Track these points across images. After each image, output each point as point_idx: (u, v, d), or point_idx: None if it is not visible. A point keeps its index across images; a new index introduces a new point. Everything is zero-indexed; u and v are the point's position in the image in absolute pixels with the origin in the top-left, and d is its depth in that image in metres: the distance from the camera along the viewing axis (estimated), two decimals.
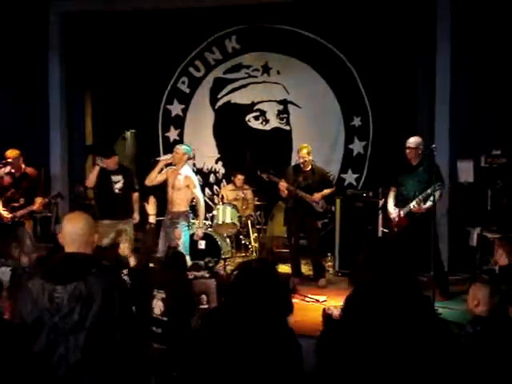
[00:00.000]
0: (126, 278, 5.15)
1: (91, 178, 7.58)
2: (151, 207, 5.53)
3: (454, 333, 3.18)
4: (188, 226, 7.35)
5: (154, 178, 7.33)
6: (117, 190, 7.56)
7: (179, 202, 7.29)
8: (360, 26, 9.10)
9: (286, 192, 7.62)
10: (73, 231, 2.87)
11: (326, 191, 7.76)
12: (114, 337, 2.70)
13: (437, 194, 6.55)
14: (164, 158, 7.46)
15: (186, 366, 2.73)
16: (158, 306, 5.11)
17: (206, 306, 5.28)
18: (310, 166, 7.73)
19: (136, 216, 7.60)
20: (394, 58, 8.99)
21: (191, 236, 7.46)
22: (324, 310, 5.67)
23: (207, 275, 5.44)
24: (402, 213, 6.86)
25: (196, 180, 7.48)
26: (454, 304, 6.49)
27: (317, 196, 7.63)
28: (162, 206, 7.61)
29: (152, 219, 5.51)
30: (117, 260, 5.40)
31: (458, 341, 3.01)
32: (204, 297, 5.27)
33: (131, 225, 7.55)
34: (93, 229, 2.94)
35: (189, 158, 7.58)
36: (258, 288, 2.48)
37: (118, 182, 7.56)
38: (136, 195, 7.65)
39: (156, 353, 4.67)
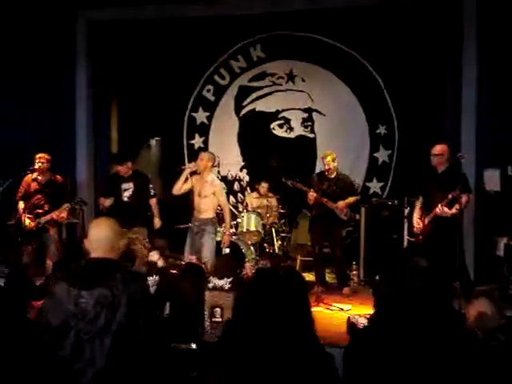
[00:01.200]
0: (153, 288, 5.21)
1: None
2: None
3: (485, 344, 3.12)
4: (215, 232, 7.35)
5: (180, 187, 7.29)
6: (125, 198, 7.47)
7: (206, 208, 7.27)
8: (385, 34, 9.07)
9: (313, 200, 7.59)
10: (98, 237, 2.89)
11: (351, 199, 7.72)
12: (139, 341, 2.71)
13: (463, 199, 6.48)
14: (189, 167, 7.43)
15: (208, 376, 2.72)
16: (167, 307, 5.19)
17: (219, 320, 5.23)
18: (334, 173, 7.69)
19: (157, 221, 7.58)
20: (420, 65, 8.94)
21: (218, 243, 7.45)
22: (349, 318, 5.66)
23: (227, 287, 5.33)
24: (426, 220, 6.80)
25: (222, 187, 7.49)
26: None
27: (341, 204, 7.59)
28: (188, 213, 7.63)
29: None
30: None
31: (490, 351, 2.95)
32: (218, 310, 5.22)
33: (144, 232, 7.51)
34: (118, 234, 2.96)
35: (213, 165, 7.58)
36: (283, 295, 2.45)
37: (128, 190, 7.48)
38: (154, 201, 7.58)
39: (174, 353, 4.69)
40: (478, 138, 8.17)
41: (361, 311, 6.30)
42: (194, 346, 4.82)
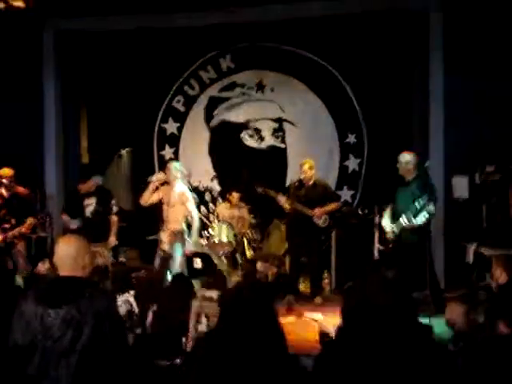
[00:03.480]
0: (131, 298, 5.16)
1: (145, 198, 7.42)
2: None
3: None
4: (183, 244, 7.31)
5: (148, 198, 7.28)
6: (88, 214, 7.45)
7: (175, 219, 7.25)
8: (354, 44, 9.16)
9: (288, 206, 7.61)
10: (65, 254, 2.87)
11: (330, 206, 7.73)
12: (106, 361, 2.68)
13: (431, 208, 6.54)
14: (157, 177, 7.39)
15: None
16: (149, 316, 5.15)
17: (205, 329, 5.20)
18: (312, 181, 7.72)
19: (112, 239, 7.48)
20: (389, 75, 9.05)
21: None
22: (320, 328, 5.66)
23: (215, 297, 5.30)
24: (395, 229, 6.85)
25: (190, 196, 7.46)
26: None
27: (318, 210, 7.60)
28: (158, 225, 7.60)
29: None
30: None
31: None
32: (204, 319, 5.19)
33: (107, 247, 7.44)
34: (85, 252, 2.94)
35: (182, 175, 7.55)
36: (249, 314, 2.45)
37: (90, 205, 7.46)
38: (114, 218, 7.53)
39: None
40: (445, 146, 8.28)
41: (332, 320, 6.30)
42: (178, 360, 4.80)
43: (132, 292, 5.20)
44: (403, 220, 6.67)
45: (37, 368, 2.69)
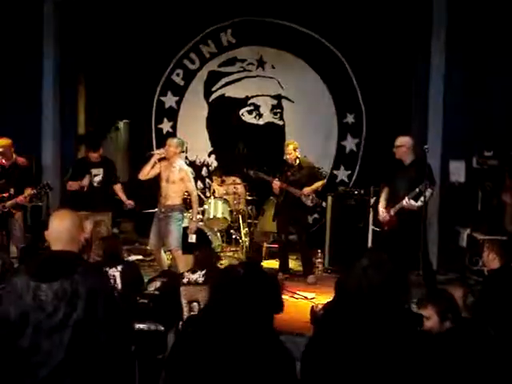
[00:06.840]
0: (117, 273, 5.13)
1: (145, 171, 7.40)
2: None
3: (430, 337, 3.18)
4: (181, 219, 7.33)
5: (147, 172, 7.28)
6: (95, 184, 7.59)
7: (173, 195, 7.25)
8: (356, 24, 9.13)
9: (278, 189, 7.67)
10: (59, 229, 2.85)
11: (316, 185, 7.76)
12: (99, 338, 2.68)
13: (428, 193, 6.52)
14: (158, 152, 7.41)
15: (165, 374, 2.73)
16: (153, 286, 5.17)
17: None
18: (297, 162, 7.74)
19: (129, 202, 7.66)
20: (389, 56, 9.03)
21: (184, 229, 7.44)
22: (312, 307, 5.71)
23: (201, 280, 5.26)
24: (392, 211, 6.84)
25: (190, 173, 7.48)
26: None
27: (306, 190, 7.64)
28: (154, 199, 7.60)
29: None
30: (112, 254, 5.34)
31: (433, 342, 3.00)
32: (195, 304, 5.17)
33: (109, 216, 7.69)
34: (79, 226, 2.93)
35: (181, 151, 7.57)
36: (240, 293, 2.45)
37: (98, 175, 7.60)
38: (119, 186, 7.76)
39: (140, 335, 4.69)
40: (444, 130, 8.26)
41: (325, 300, 6.33)
42: (161, 327, 4.83)
43: (119, 267, 5.14)
44: (405, 202, 6.61)
45: (29, 342, 2.68)
